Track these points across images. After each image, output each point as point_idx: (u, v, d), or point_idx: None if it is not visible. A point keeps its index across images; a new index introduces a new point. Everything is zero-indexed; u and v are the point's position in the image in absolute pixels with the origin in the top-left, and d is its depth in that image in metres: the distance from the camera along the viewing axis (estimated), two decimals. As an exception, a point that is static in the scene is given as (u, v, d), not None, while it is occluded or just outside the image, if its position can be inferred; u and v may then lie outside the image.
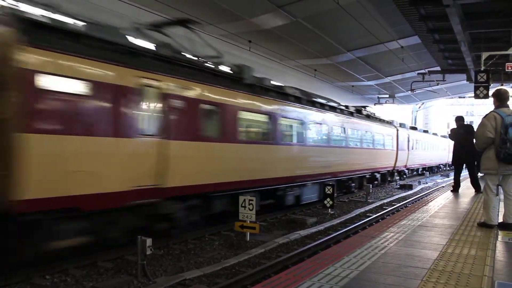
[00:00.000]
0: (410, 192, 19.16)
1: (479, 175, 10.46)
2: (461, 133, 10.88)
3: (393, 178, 22.98)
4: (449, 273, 4.05)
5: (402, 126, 24.82)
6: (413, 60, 23.80)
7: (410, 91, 28.91)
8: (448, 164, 35.63)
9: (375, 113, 21.29)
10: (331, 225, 10.56)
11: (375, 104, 35.91)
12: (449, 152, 28.52)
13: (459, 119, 11.44)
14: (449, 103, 55.71)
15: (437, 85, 27.23)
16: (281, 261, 6.96)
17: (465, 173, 12.05)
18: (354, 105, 18.87)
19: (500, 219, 6.40)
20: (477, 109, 57.91)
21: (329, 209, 12.31)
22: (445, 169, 36.56)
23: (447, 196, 10.73)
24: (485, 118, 6.09)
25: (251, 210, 8.29)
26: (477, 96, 14.31)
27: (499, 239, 5.66)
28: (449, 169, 34.87)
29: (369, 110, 20.38)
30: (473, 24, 12.99)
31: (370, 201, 15.38)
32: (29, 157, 5.48)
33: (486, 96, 13.92)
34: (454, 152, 11.25)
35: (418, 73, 24.78)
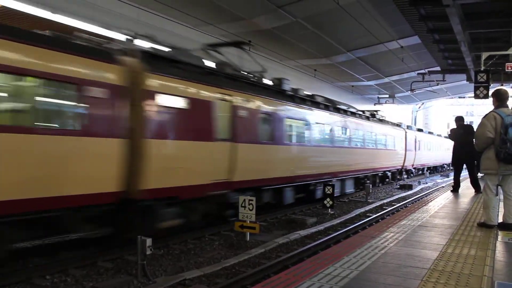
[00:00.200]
0: (410, 192, 19.17)
1: (479, 175, 10.46)
2: (461, 133, 10.88)
3: (401, 176, 24.71)
4: (449, 273, 4.06)
5: (409, 128, 26.23)
6: (413, 60, 23.80)
7: (410, 91, 28.92)
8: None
9: (385, 117, 22.60)
10: (331, 225, 10.56)
11: (375, 104, 35.92)
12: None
13: (459, 119, 11.44)
14: (449, 103, 55.74)
15: (437, 85, 27.24)
16: (281, 261, 6.96)
17: (464, 173, 12.06)
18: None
19: (500, 219, 6.40)
20: (477, 109, 57.95)
21: (329, 209, 12.32)
22: (449, 168, 36.67)
23: (447, 196, 10.74)
24: (484, 118, 6.09)
25: (251, 210, 8.30)
26: (477, 96, 14.32)
27: (499, 239, 5.66)
28: (451, 168, 34.99)
29: (380, 113, 21.77)
30: (473, 24, 12.99)
31: (370, 201, 15.39)
32: (149, 157, 7.04)
33: (486, 96, 13.92)
34: (454, 152, 11.25)
35: (418, 73, 24.79)
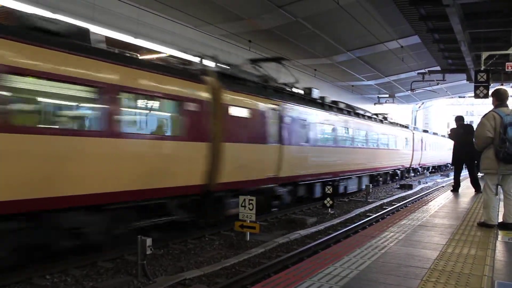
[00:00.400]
0: (410, 192, 19.16)
1: (479, 175, 10.46)
2: (461, 133, 10.87)
3: (409, 174, 26.64)
4: (449, 273, 4.05)
5: (415, 129, 27.91)
6: (413, 59, 23.79)
7: (410, 91, 28.90)
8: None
9: (394, 119, 24.44)
10: (331, 224, 10.56)
11: (375, 104, 35.90)
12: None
13: (459, 119, 11.43)
14: (449, 103, 55.75)
15: (437, 84, 27.23)
16: (281, 261, 6.96)
17: (465, 173, 12.06)
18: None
19: (500, 219, 6.40)
20: (477, 109, 57.97)
21: (329, 209, 12.32)
22: (452, 168, 36.68)
23: (447, 196, 10.73)
24: (484, 117, 6.08)
25: (251, 210, 8.30)
26: (477, 96, 14.30)
27: (499, 239, 5.66)
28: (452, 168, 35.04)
29: (391, 116, 23.61)
30: (473, 23, 12.99)
31: (370, 200, 15.39)
32: (224, 156, 8.71)
33: (486, 95, 13.90)
34: (454, 152, 11.24)
35: (418, 73, 24.77)
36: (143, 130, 7.72)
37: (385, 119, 21.62)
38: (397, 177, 23.51)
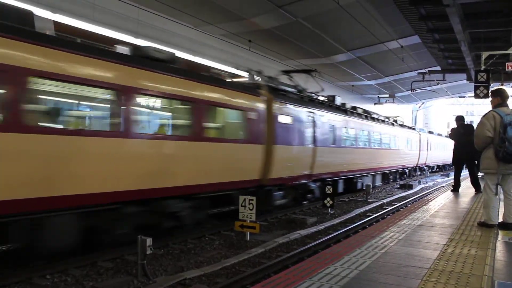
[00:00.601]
0: (410, 191, 19.16)
1: (479, 175, 10.45)
2: (461, 133, 10.86)
3: (416, 172, 28.62)
4: (449, 273, 4.05)
5: (421, 130, 29.84)
6: (413, 59, 23.79)
7: (410, 91, 28.92)
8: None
9: (403, 121, 26.38)
10: (331, 224, 10.56)
11: (375, 104, 35.90)
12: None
13: (460, 119, 11.42)
14: (449, 103, 55.72)
15: (437, 84, 27.23)
16: (281, 260, 6.95)
17: (465, 173, 12.05)
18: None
19: (500, 219, 6.40)
20: (477, 109, 57.94)
21: (329, 209, 12.31)
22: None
23: (447, 195, 10.73)
24: (484, 117, 6.06)
25: (251, 209, 8.29)
26: (477, 95, 14.30)
27: (499, 238, 5.66)
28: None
29: (399, 119, 25.37)
30: (473, 23, 12.99)
31: (370, 200, 15.38)
32: (274, 156, 10.53)
33: (486, 95, 13.89)
34: (454, 151, 11.24)
35: (418, 73, 24.78)
36: (223, 136, 9.67)
37: (396, 121, 23.37)
38: (405, 175, 25.43)
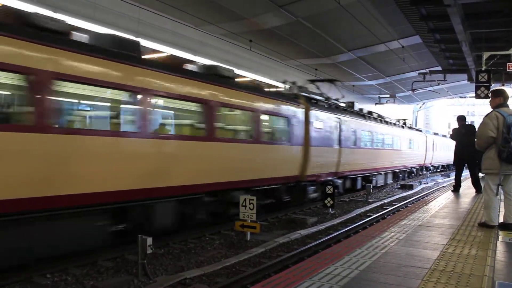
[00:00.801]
0: (410, 192, 19.15)
1: (480, 175, 10.43)
2: (463, 133, 10.81)
3: (422, 172, 30.64)
4: (450, 273, 4.05)
5: (427, 132, 31.84)
6: (414, 60, 23.76)
7: (411, 91, 28.87)
8: None
9: (411, 124, 28.45)
10: (331, 224, 10.56)
11: (375, 104, 35.86)
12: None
13: (461, 119, 11.35)
14: (450, 103, 55.65)
15: (438, 85, 27.18)
16: (282, 260, 6.96)
17: (465, 173, 12.03)
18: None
19: (500, 219, 6.39)
20: (478, 109, 57.83)
21: (330, 209, 12.31)
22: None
23: (447, 196, 10.72)
24: (487, 117, 6.03)
25: (251, 209, 8.29)
26: (478, 96, 14.27)
27: (500, 239, 5.65)
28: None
29: (408, 122, 27.29)
30: (474, 24, 12.97)
31: (370, 200, 15.37)
32: (310, 156, 12.33)
33: (487, 96, 13.86)
34: (455, 152, 11.19)
35: (419, 73, 24.72)
36: (274, 139, 11.34)
37: (405, 124, 25.36)
38: (413, 174, 27.54)
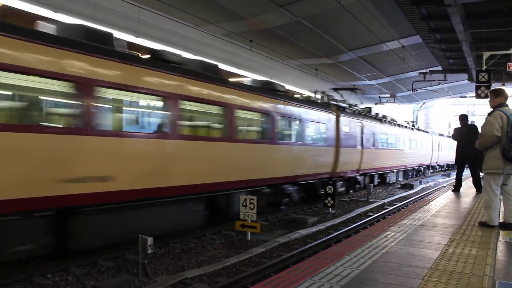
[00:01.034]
0: (411, 191, 19.16)
1: (481, 175, 10.41)
2: (465, 133, 10.73)
3: (429, 170, 32.95)
4: (450, 273, 4.05)
5: (433, 133, 34.42)
6: (414, 59, 23.74)
7: (411, 91, 28.83)
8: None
9: (419, 126, 31.71)
10: (332, 224, 10.56)
11: (376, 103, 35.83)
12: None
13: (463, 118, 11.25)
14: (450, 103, 55.63)
15: (438, 84, 27.15)
16: (282, 260, 6.96)
17: (465, 173, 12.01)
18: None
19: (501, 219, 6.39)
20: (478, 109, 57.80)
21: (330, 209, 12.31)
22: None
23: (448, 195, 10.72)
24: (491, 116, 5.98)
25: (252, 209, 8.30)
26: (478, 96, 14.26)
27: (500, 238, 5.66)
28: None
29: (416, 124, 30.72)
30: (474, 23, 12.95)
31: (371, 200, 15.38)
32: (339, 156, 14.53)
33: (487, 96, 13.84)
34: (457, 152, 11.13)
35: (419, 73, 24.70)
36: (316, 141, 13.67)
37: (413, 126, 27.98)
38: (420, 172, 30.22)
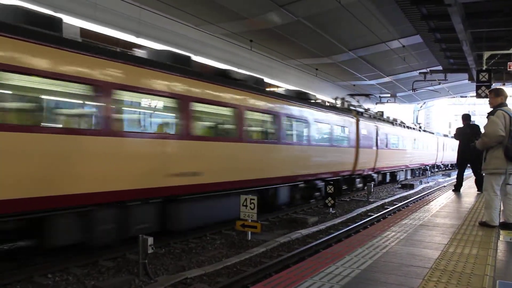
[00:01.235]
0: (411, 191, 19.15)
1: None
2: (467, 133, 10.65)
3: (434, 169, 35.07)
4: (451, 272, 4.05)
5: (438, 134, 36.62)
6: (414, 59, 23.75)
7: (411, 91, 28.83)
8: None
9: (425, 128, 33.68)
10: (332, 224, 10.56)
11: (376, 103, 35.83)
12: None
13: (466, 118, 11.11)
14: (451, 103, 55.54)
15: (439, 84, 27.17)
16: (282, 260, 6.96)
17: (466, 173, 11.99)
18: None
19: (501, 219, 6.38)
20: (478, 109, 57.70)
21: (330, 208, 12.31)
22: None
23: (448, 195, 10.71)
24: (494, 116, 5.94)
25: (252, 209, 8.29)
26: (478, 95, 14.24)
27: (501, 238, 5.65)
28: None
29: (423, 126, 32.92)
30: (474, 23, 12.96)
31: (371, 200, 15.37)
32: (358, 155, 16.18)
33: (487, 95, 13.84)
34: (459, 152, 11.05)
35: (419, 72, 24.71)
36: (339, 143, 15.20)
37: (421, 128, 30.11)
38: (426, 171, 31.93)
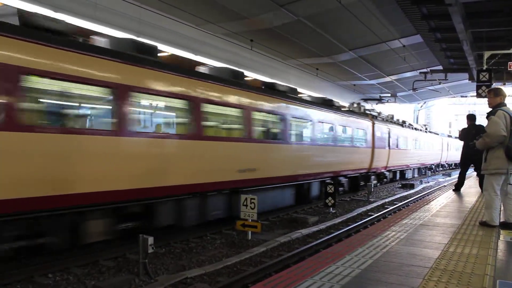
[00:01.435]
0: (411, 191, 19.16)
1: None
2: (473, 133, 10.56)
3: (439, 168, 37.11)
4: (451, 272, 4.05)
5: (442, 134, 38.40)
6: (415, 59, 23.72)
7: (412, 90, 28.82)
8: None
9: (431, 128, 35.48)
10: (332, 224, 10.56)
11: (376, 103, 35.83)
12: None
13: (471, 118, 10.94)
14: (451, 102, 55.61)
15: (439, 84, 27.14)
16: (283, 259, 6.96)
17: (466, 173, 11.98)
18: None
19: (501, 219, 6.38)
20: (479, 108, 57.69)
21: (331, 208, 12.31)
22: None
23: (448, 195, 10.71)
24: (495, 116, 5.92)
25: (252, 209, 8.30)
26: (479, 95, 14.24)
27: (501, 238, 5.65)
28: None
29: (428, 127, 33.91)
30: (475, 23, 12.95)
31: (371, 200, 15.38)
32: (374, 155, 18.17)
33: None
34: (463, 152, 10.93)
35: (420, 72, 24.69)
36: (358, 144, 16.75)
37: (426, 129, 31.64)
38: (431, 170, 33.71)
